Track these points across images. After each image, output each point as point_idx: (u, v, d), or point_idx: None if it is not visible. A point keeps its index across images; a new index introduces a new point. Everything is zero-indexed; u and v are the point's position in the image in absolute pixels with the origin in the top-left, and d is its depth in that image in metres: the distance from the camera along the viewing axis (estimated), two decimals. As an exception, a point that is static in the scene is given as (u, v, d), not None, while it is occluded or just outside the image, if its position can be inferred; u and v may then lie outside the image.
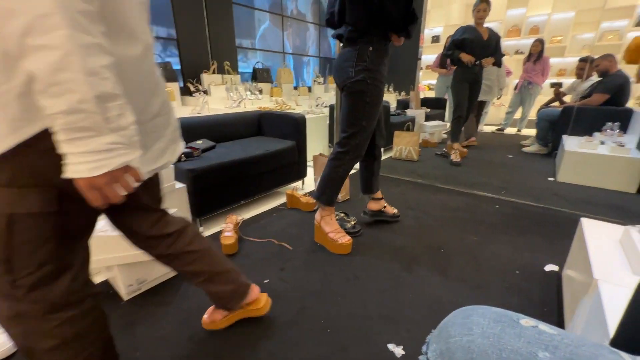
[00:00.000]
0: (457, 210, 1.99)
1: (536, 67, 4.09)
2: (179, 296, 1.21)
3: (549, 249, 1.54)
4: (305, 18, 5.47)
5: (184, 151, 1.70)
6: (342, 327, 1.06)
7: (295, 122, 2.22)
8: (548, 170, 2.92)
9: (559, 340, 0.34)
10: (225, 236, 1.53)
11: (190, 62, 3.58)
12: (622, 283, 0.83)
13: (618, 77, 2.98)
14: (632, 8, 4.33)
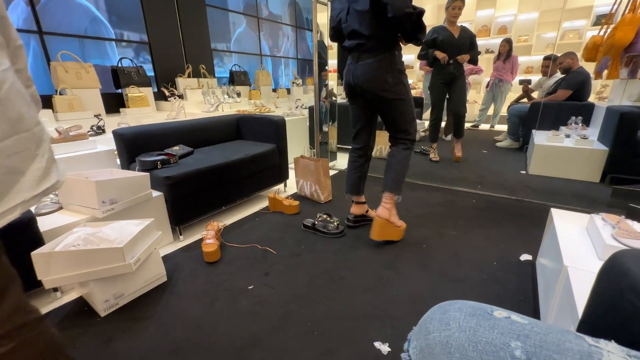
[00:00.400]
0: (436, 206, 2.04)
1: (505, 65, 4.28)
2: (159, 308, 1.17)
3: (523, 240, 1.61)
4: (281, 20, 5.44)
5: (160, 158, 1.65)
6: (328, 329, 1.06)
7: (274, 125, 2.20)
8: (520, 163, 3.05)
9: (529, 329, 0.36)
10: (206, 244, 1.49)
11: (164, 67, 3.48)
12: (589, 268, 0.88)
13: (579, 74, 3.17)
14: (590, 9, 4.62)
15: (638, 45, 1.48)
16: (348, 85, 1.56)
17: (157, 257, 1.30)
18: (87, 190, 1.30)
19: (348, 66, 1.53)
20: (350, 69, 1.51)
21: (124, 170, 1.62)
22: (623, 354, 0.33)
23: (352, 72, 1.50)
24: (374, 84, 1.45)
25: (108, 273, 1.10)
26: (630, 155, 2.34)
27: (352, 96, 1.60)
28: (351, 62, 1.51)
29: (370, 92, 1.48)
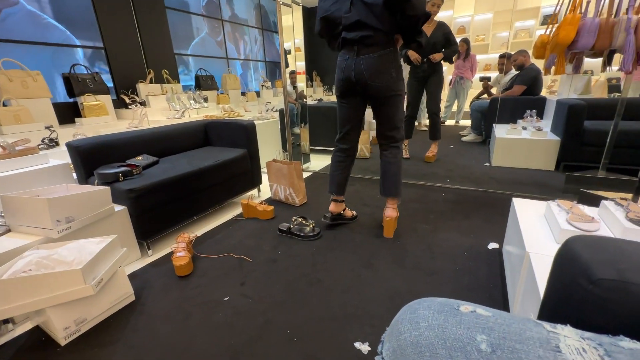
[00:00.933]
0: (408, 202, 2.10)
1: (465, 64, 4.50)
2: (128, 331, 1.10)
3: (490, 229, 1.69)
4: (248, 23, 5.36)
5: (121, 170, 1.56)
6: (308, 333, 1.05)
7: (244, 129, 2.16)
8: (484, 156, 3.22)
9: (493, 321, 0.37)
10: (177, 257, 1.43)
11: (123, 73, 3.30)
12: (548, 253, 0.94)
13: (532, 70, 3.40)
14: (537, 9, 4.98)
15: (579, 43, 1.61)
16: (347, 80, 1.47)
17: (122, 275, 1.22)
18: (39, 210, 1.19)
19: (346, 61, 1.44)
20: (349, 64, 1.43)
21: (81, 185, 1.51)
22: (577, 337, 0.34)
23: (352, 67, 1.42)
24: (380, 78, 1.42)
25: (67, 298, 1.02)
26: (579, 143, 2.54)
27: (347, 94, 1.53)
28: (348, 56, 1.42)
29: (374, 87, 1.44)
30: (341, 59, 1.46)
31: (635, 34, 1.49)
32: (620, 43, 1.53)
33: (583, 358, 0.32)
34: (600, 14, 1.64)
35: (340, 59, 1.47)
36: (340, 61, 1.47)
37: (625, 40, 1.51)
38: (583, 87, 3.36)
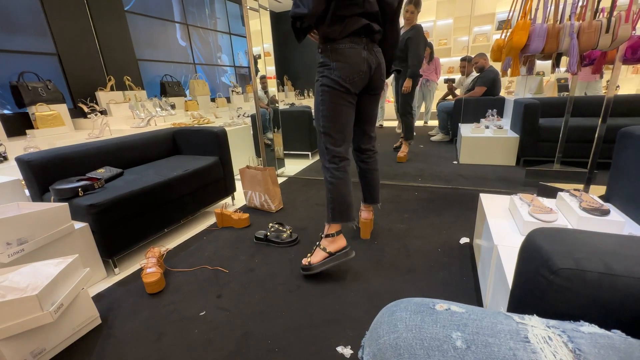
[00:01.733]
0: (383, 202, 2.14)
1: (430, 67, 4.69)
2: (93, 358, 1.02)
3: (461, 224, 1.76)
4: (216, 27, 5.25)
5: (81, 184, 1.45)
6: (289, 342, 1.03)
7: (215, 137, 2.10)
8: (452, 155, 3.36)
9: (467, 317, 0.38)
10: (147, 273, 1.35)
11: (80, 79, 3.09)
12: (515, 245, 0.99)
13: (491, 72, 3.62)
14: (493, 15, 5.33)
15: (531, 47, 1.73)
16: (366, 74, 1.29)
17: (86, 298, 1.13)
18: (-15, 232, 1.08)
19: (362, 51, 1.26)
20: (365, 55, 1.26)
21: (35, 203, 1.38)
22: (543, 326, 0.36)
23: (367, 59, 1.27)
24: (385, 73, 1.40)
25: (21, 328, 0.92)
26: (536, 140, 2.74)
27: (356, 90, 1.31)
28: (359, 46, 1.26)
29: (381, 82, 1.38)
30: (354, 49, 1.24)
31: (578, 38, 1.63)
32: (565, 47, 1.67)
33: (549, 346, 0.33)
34: (548, 20, 1.78)
35: (350, 49, 1.23)
36: (351, 51, 1.24)
37: (570, 44, 1.64)
38: (536, 87, 3.63)
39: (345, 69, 1.25)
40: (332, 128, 1.31)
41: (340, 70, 1.25)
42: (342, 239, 1.36)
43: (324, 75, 1.28)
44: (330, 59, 1.25)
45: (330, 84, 1.27)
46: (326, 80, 1.27)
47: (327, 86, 1.27)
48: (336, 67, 1.25)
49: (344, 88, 1.28)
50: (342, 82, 1.26)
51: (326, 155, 1.34)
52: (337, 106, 1.30)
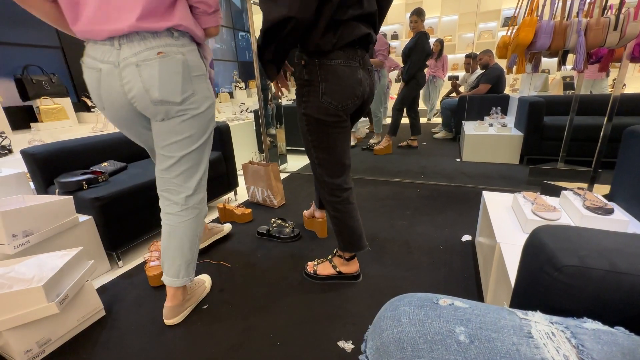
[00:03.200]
0: (385, 199, 2.14)
1: (437, 64, 4.63)
2: (98, 348, 1.03)
3: (463, 222, 1.76)
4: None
5: (85, 177, 1.46)
6: (291, 336, 1.04)
7: (218, 131, 2.10)
8: (455, 152, 3.35)
9: (470, 312, 0.38)
10: (150, 266, 1.36)
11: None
12: (517, 243, 0.99)
13: (496, 69, 3.59)
14: (499, 12, 5.27)
15: (537, 44, 1.71)
16: (355, 98, 1.03)
17: (90, 290, 1.14)
18: (-9, 224, 1.09)
19: (358, 68, 1.01)
20: (361, 76, 1.02)
21: (40, 196, 1.39)
22: (547, 322, 0.36)
23: (362, 81, 1.03)
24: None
25: (27, 318, 0.94)
26: (540, 138, 2.72)
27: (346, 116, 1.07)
28: (356, 64, 1.00)
29: (367, 107, 1.15)
30: (349, 67, 0.98)
31: (585, 35, 1.61)
32: (572, 44, 1.65)
33: (552, 342, 0.33)
34: (555, 16, 1.76)
35: (345, 67, 0.98)
36: (347, 70, 0.98)
37: (577, 41, 1.63)
38: (541, 85, 3.59)
39: (337, 94, 0.98)
40: (328, 160, 1.10)
41: (330, 94, 0.98)
42: (355, 264, 1.30)
43: (308, 100, 1.00)
44: (319, 78, 0.97)
45: (315, 114, 1.01)
46: (311, 107, 1.00)
47: (312, 117, 1.01)
48: (325, 89, 0.97)
49: (334, 117, 1.02)
50: (332, 109, 1.00)
51: (325, 188, 1.15)
52: (330, 136, 1.06)
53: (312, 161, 1.14)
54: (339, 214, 1.17)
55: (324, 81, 0.97)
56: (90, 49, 0.91)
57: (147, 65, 0.87)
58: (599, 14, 1.65)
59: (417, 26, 3.07)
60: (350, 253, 1.27)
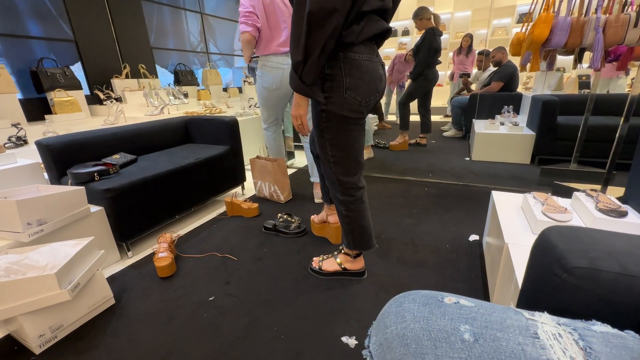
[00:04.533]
0: (392, 197, 2.13)
1: (468, 59, 4.47)
2: (107, 336, 1.06)
3: (470, 221, 1.74)
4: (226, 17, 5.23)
5: (97, 169, 1.49)
6: (295, 331, 1.05)
7: (227, 126, 2.11)
8: (464, 151, 3.30)
9: (475, 311, 0.38)
10: (159, 257, 1.39)
11: (97, 67, 3.15)
12: (526, 243, 0.98)
13: (509, 67, 3.52)
14: (513, 8, 5.15)
15: (552, 41, 1.67)
16: (377, 94, 1.03)
17: (101, 278, 1.17)
18: (7, 212, 1.12)
19: (378, 64, 1.01)
20: (381, 72, 1.02)
21: (53, 186, 1.43)
22: (554, 323, 0.36)
23: (382, 76, 1.03)
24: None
25: (40, 304, 0.97)
26: (553, 138, 2.66)
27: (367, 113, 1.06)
28: (376, 58, 1.00)
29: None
30: (372, 62, 0.98)
31: (604, 32, 1.56)
32: (589, 41, 1.61)
33: (559, 343, 0.33)
34: (572, 13, 1.71)
35: (368, 61, 0.97)
36: (371, 65, 0.98)
37: (595, 38, 1.58)
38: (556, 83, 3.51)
39: (361, 89, 0.97)
40: (344, 158, 1.07)
41: (354, 90, 0.96)
42: (361, 261, 1.30)
43: (330, 96, 0.97)
44: (342, 73, 0.94)
45: (338, 111, 0.98)
46: (334, 103, 0.97)
47: (334, 114, 0.98)
48: (349, 84, 0.95)
49: (357, 113, 1.00)
50: (355, 105, 0.98)
51: (338, 187, 1.13)
52: (349, 133, 1.04)
53: (326, 159, 1.10)
54: (352, 213, 1.16)
55: (348, 76, 0.95)
56: (274, 57, 1.76)
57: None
58: (618, 10, 1.59)
59: (422, 25, 3.07)
60: (357, 251, 1.27)
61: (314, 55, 0.86)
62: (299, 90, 0.94)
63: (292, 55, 0.89)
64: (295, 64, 0.89)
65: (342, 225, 1.23)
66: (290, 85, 0.95)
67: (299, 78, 0.91)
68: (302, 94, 0.95)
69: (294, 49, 0.88)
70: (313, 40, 0.84)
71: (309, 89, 0.93)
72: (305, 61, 0.87)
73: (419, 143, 3.61)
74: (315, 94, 0.95)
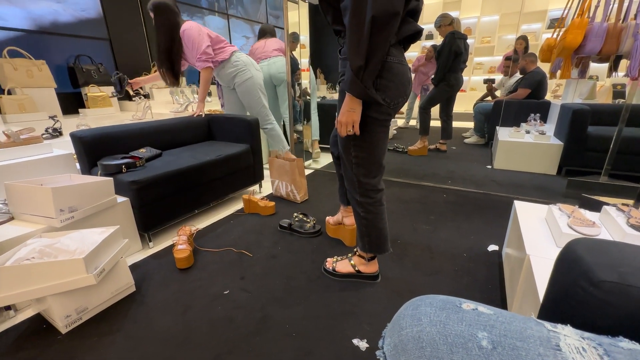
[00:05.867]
0: (409, 202, 2.10)
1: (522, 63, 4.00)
2: (127, 321, 1.11)
3: (490, 231, 1.69)
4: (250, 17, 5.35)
5: (125, 162, 1.56)
6: (306, 329, 1.06)
7: (248, 125, 2.16)
8: (486, 158, 3.21)
9: (494, 319, 0.37)
10: (178, 249, 1.43)
11: (127, 64, 3.30)
12: (548, 256, 0.94)
13: (537, 73, 3.39)
14: (544, 12, 4.97)
15: (586, 48, 1.60)
16: (405, 97, 1.05)
17: (124, 266, 1.23)
18: (43, 198, 1.20)
19: (406, 66, 1.01)
20: (408, 75, 1.03)
21: (84, 176, 1.51)
22: (577, 336, 0.35)
23: (410, 79, 1.05)
24: None
25: (68, 287, 1.02)
26: (582, 149, 2.54)
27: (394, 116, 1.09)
28: (405, 62, 1.01)
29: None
30: (402, 65, 0.99)
31: (643, 40, 1.49)
32: (627, 49, 1.53)
33: (582, 357, 0.32)
34: (609, 18, 1.63)
35: (399, 64, 0.98)
36: (401, 67, 0.99)
37: (633, 45, 1.50)
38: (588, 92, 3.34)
39: (391, 91, 0.98)
40: (367, 159, 1.09)
41: (384, 91, 0.97)
42: (375, 264, 1.30)
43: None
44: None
45: (366, 112, 1.00)
46: (364, 104, 0.99)
47: (362, 115, 1.00)
48: (380, 86, 0.96)
49: (385, 115, 1.02)
50: (384, 107, 0.99)
51: (357, 188, 1.13)
52: (375, 135, 1.05)
53: (349, 160, 1.11)
54: (370, 215, 1.16)
55: (379, 77, 0.96)
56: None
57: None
58: (660, 16, 1.51)
59: (443, 31, 3.03)
60: (372, 254, 1.27)
61: (376, 59, 0.88)
62: (361, 95, 0.93)
63: (352, 60, 0.88)
64: (356, 69, 0.89)
65: (358, 227, 1.23)
66: (349, 91, 0.94)
67: (361, 82, 0.90)
68: (364, 98, 0.95)
69: (353, 54, 0.87)
70: (376, 43, 0.85)
71: (371, 92, 0.93)
72: (366, 65, 0.88)
73: (438, 149, 3.54)
74: (376, 97, 0.95)
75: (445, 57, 2.98)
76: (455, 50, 2.93)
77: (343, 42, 1.05)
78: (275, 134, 2.40)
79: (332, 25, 1.03)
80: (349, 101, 0.97)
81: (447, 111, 3.36)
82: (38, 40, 2.71)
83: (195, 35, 1.98)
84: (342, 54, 1.05)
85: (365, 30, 0.84)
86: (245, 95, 2.27)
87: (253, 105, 2.30)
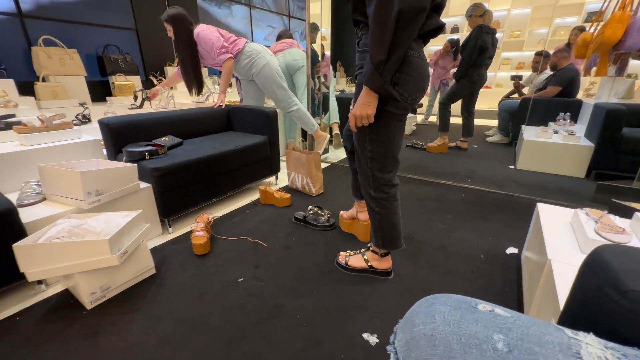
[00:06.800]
0: (426, 199, 2.06)
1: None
2: (147, 301, 1.16)
3: (510, 233, 1.64)
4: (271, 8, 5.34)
5: (148, 149, 1.62)
6: (317, 321, 1.07)
7: (266, 117, 2.17)
8: (509, 158, 3.10)
9: (512, 322, 0.36)
10: (196, 236, 1.48)
11: (153, 54, 3.39)
12: (571, 262, 0.91)
13: (569, 70, 3.21)
14: (581, 5, 4.66)
15: (626, 43, 1.50)
16: (423, 92, 1.03)
17: (145, 249, 1.28)
18: (72, 181, 1.26)
19: (425, 61, 1.00)
20: (427, 70, 1.02)
21: (110, 161, 1.58)
22: (600, 346, 0.33)
23: (429, 74, 1.06)
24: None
25: (93, 266, 1.08)
26: (615, 151, 2.40)
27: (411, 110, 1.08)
28: (425, 57, 1.00)
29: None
30: (421, 59, 0.98)
31: (692, 35, 1.37)
32: (673, 45, 1.42)
33: (605, 367, 0.31)
34: (654, 12, 1.52)
35: (419, 59, 0.96)
36: (420, 62, 0.97)
37: (679, 42, 1.39)
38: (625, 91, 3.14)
39: (410, 85, 0.96)
40: (383, 154, 1.07)
41: (403, 86, 0.96)
42: (388, 260, 1.29)
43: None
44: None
45: (383, 106, 0.99)
46: (381, 98, 0.98)
47: (379, 109, 0.99)
48: (399, 80, 0.95)
49: (402, 110, 1.01)
50: (403, 102, 0.98)
51: (372, 183, 1.13)
52: (391, 130, 1.04)
53: (364, 155, 1.10)
54: (384, 210, 1.16)
55: (398, 71, 0.94)
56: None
57: None
58: None
59: (472, 22, 2.90)
60: (386, 250, 1.26)
61: (398, 54, 0.86)
62: (379, 90, 0.92)
63: (374, 54, 0.87)
64: (376, 63, 0.87)
65: (372, 222, 1.22)
66: (367, 84, 0.92)
67: (380, 76, 0.89)
68: (382, 93, 0.94)
69: (375, 48, 0.86)
70: (401, 38, 0.84)
71: (389, 88, 0.92)
72: (387, 60, 0.87)
73: (459, 147, 3.45)
74: (393, 93, 0.94)
75: (469, 51, 2.86)
76: (480, 45, 2.82)
77: (362, 33, 1.03)
78: (302, 115, 2.40)
79: (352, 14, 1.01)
80: (366, 94, 0.95)
81: (469, 108, 3.25)
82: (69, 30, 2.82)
83: (209, 34, 2.08)
84: (361, 46, 1.03)
85: (390, 24, 0.82)
86: (265, 83, 2.29)
87: (275, 90, 2.31)
